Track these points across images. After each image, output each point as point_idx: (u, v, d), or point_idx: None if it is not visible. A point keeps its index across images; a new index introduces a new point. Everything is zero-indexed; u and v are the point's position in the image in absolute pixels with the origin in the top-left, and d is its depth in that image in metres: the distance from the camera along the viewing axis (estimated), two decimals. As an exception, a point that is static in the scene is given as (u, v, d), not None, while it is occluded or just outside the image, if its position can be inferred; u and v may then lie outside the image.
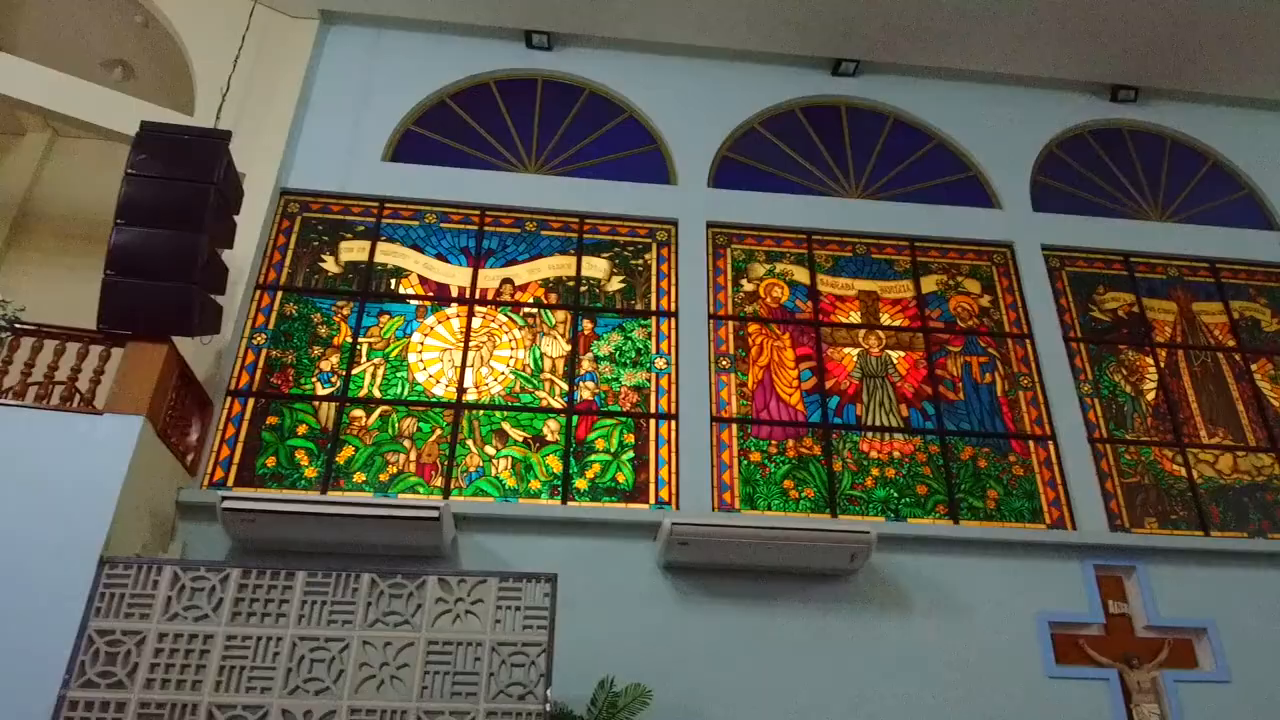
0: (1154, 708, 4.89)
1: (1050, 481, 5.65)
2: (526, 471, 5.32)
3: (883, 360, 6.00)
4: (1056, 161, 7.05)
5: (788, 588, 5.02)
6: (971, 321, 6.23)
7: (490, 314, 5.85)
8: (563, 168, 6.49)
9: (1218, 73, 7.23)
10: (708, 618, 4.90)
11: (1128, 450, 5.83)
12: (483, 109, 6.71)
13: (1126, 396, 6.05)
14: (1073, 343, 6.20)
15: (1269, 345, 6.41)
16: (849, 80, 7.13)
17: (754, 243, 6.38)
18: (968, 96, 7.17)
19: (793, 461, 5.55)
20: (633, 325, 5.91)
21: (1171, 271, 6.65)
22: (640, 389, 5.68)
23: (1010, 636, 5.04)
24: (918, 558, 5.21)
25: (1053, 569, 5.27)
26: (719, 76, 7.00)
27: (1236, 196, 7.09)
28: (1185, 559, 5.38)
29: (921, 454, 5.67)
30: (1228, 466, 5.85)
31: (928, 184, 6.79)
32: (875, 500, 5.48)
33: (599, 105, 6.84)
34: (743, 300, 6.13)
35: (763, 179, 6.66)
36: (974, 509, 5.52)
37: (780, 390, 5.80)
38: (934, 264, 6.46)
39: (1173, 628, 5.17)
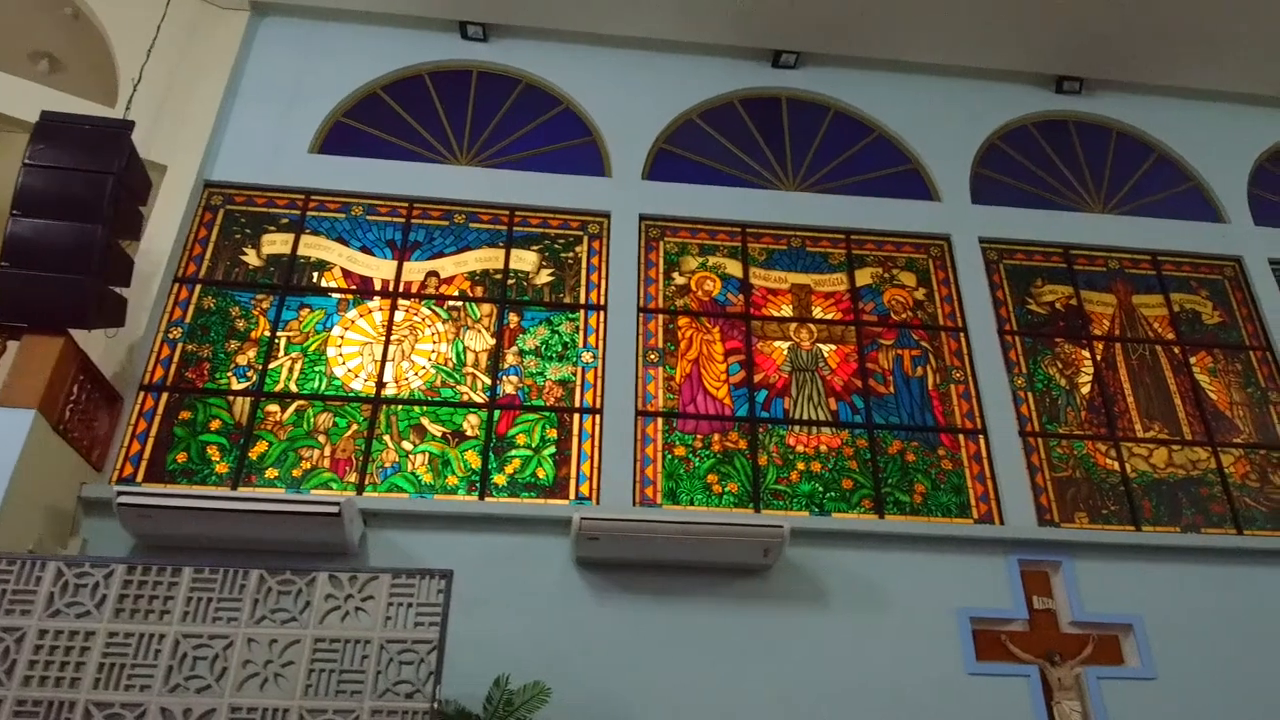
0: (1075, 705, 4.81)
1: (979, 476, 5.58)
2: (444, 467, 5.23)
3: (813, 354, 5.92)
4: (998, 154, 6.97)
5: (704, 583, 4.93)
6: (905, 315, 6.15)
7: (414, 307, 5.77)
8: (495, 160, 6.41)
9: (1165, 64, 7.17)
10: (622, 614, 4.82)
11: (1060, 444, 5.75)
12: (416, 101, 6.62)
13: (1061, 390, 5.97)
14: (1008, 336, 6.12)
15: (1209, 338, 6.34)
16: (790, 72, 7.06)
17: (688, 236, 6.30)
18: (910, 89, 7.09)
19: (718, 456, 5.46)
20: (560, 319, 5.82)
21: (1112, 264, 6.57)
22: (565, 383, 5.59)
23: (931, 633, 4.95)
24: (839, 552, 5.13)
25: (977, 564, 5.19)
26: (658, 68, 6.92)
27: (1182, 188, 7.02)
28: (1114, 554, 5.31)
29: (849, 448, 5.59)
30: (1162, 461, 5.78)
31: (867, 176, 6.72)
32: (800, 495, 5.39)
33: (535, 97, 6.76)
34: (674, 293, 6.04)
35: (700, 172, 6.58)
36: (900, 503, 5.44)
37: (708, 384, 5.72)
38: (870, 257, 6.38)
39: (1099, 623, 5.09)
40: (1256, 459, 5.86)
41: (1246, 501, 5.69)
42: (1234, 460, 5.83)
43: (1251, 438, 5.94)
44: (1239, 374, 6.19)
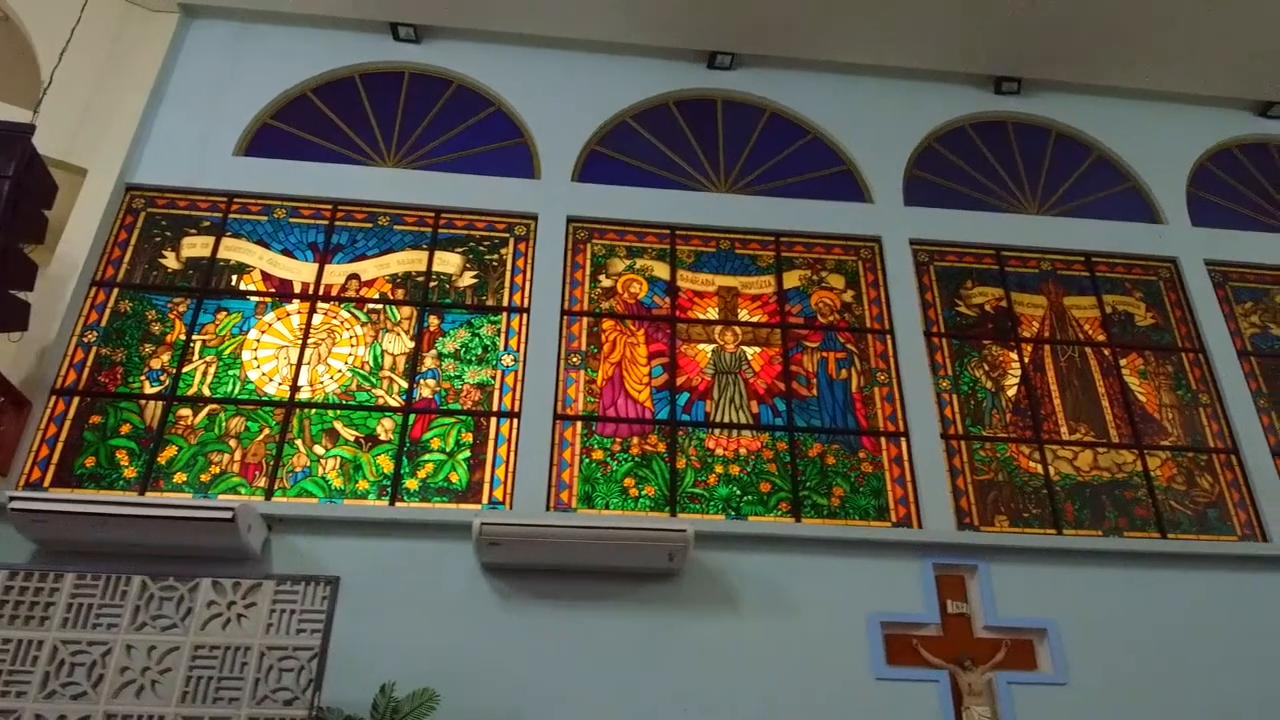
0: (985, 710, 4.77)
1: (899, 479, 5.54)
2: (355, 472, 5.19)
3: (737, 356, 5.88)
4: (935, 155, 6.94)
5: (613, 588, 4.89)
6: (832, 317, 6.12)
7: (333, 310, 5.73)
8: (423, 161, 6.37)
9: (1106, 65, 7.13)
10: (528, 619, 4.78)
11: (983, 447, 5.71)
12: (345, 103, 6.59)
13: (986, 392, 5.93)
14: (935, 338, 6.09)
15: (1141, 340, 6.30)
16: (726, 73, 7.02)
17: (616, 238, 6.26)
18: (847, 90, 7.06)
19: (635, 459, 5.43)
20: (482, 321, 5.79)
21: (1045, 265, 6.53)
22: (484, 386, 5.55)
23: (841, 637, 4.91)
24: (752, 556, 5.08)
25: (892, 568, 5.14)
26: (592, 70, 6.89)
27: (1120, 189, 6.98)
28: (1032, 558, 5.26)
29: (768, 451, 5.55)
30: (1087, 464, 5.73)
31: (800, 178, 6.68)
32: (717, 498, 5.36)
33: (467, 99, 6.73)
34: (599, 296, 6.01)
35: (631, 174, 6.54)
36: (818, 506, 5.40)
37: (630, 387, 5.68)
38: (799, 259, 6.34)
39: (1013, 628, 5.05)
40: (1184, 462, 5.82)
41: (1172, 505, 5.65)
42: (1161, 463, 5.79)
43: (1180, 440, 5.90)
44: (1170, 376, 6.16)
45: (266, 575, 4.09)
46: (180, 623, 3.93)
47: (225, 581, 4.01)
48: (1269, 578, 5.40)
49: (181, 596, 3.98)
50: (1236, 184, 7.15)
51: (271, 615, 3.97)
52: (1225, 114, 7.42)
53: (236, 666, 3.85)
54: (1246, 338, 6.38)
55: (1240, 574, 5.39)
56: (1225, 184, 7.13)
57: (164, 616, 3.94)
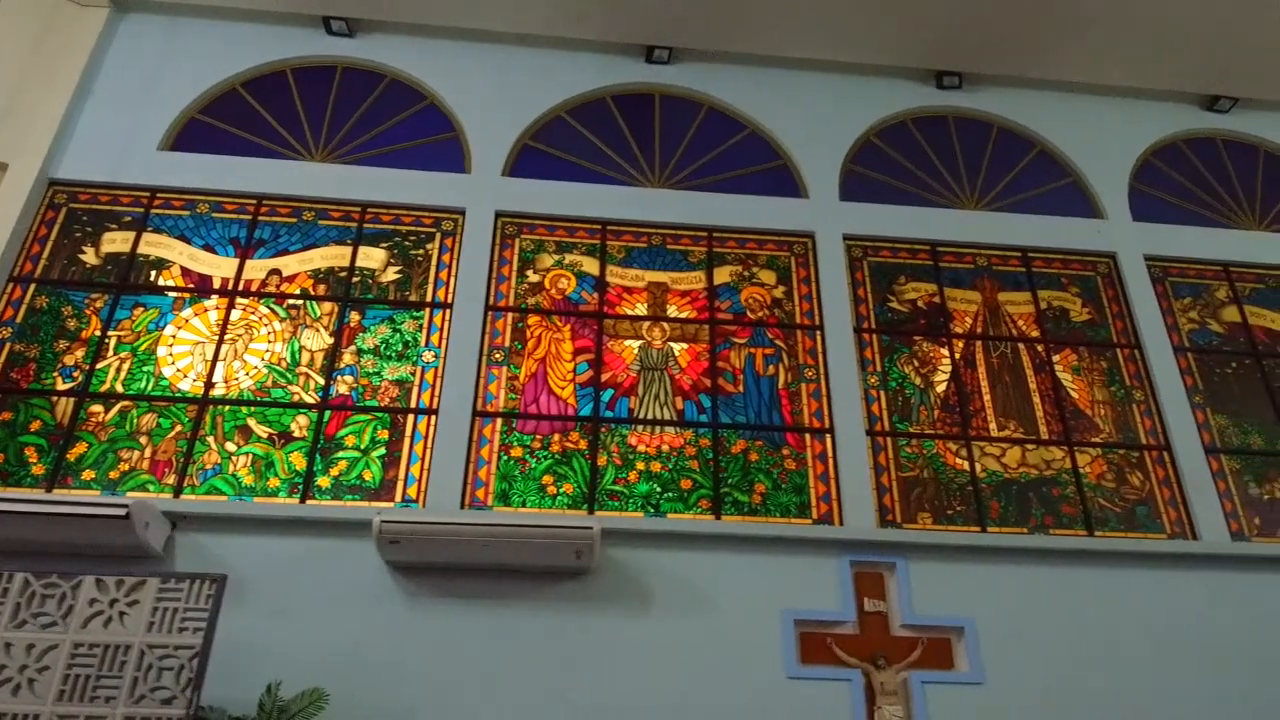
0: (898, 710, 4.71)
1: (823, 475, 5.48)
2: (267, 469, 5.13)
3: (664, 352, 5.82)
4: (873, 150, 6.88)
5: (525, 586, 4.83)
6: (762, 313, 6.05)
7: (252, 306, 5.67)
8: (352, 155, 6.31)
9: (1050, 59, 7.06)
10: (435, 618, 4.71)
11: (910, 444, 5.65)
12: (276, 97, 6.53)
13: (915, 389, 5.87)
14: (865, 334, 6.03)
15: (1076, 336, 6.24)
16: (664, 68, 6.96)
17: (545, 233, 6.20)
18: (787, 84, 7.00)
19: (555, 456, 5.36)
20: (404, 317, 5.72)
21: (981, 261, 6.47)
22: (403, 383, 5.49)
23: (755, 635, 4.84)
24: (668, 554, 5.02)
25: (809, 565, 5.08)
26: (528, 64, 6.82)
27: (1061, 184, 6.92)
28: (953, 555, 5.20)
29: (691, 447, 5.49)
30: (1015, 460, 5.67)
31: (735, 173, 6.62)
32: (637, 495, 5.29)
33: (400, 92, 6.66)
34: (526, 292, 5.95)
35: (565, 168, 6.48)
36: (739, 503, 5.34)
37: (553, 384, 5.62)
38: (731, 255, 6.28)
39: (930, 626, 4.98)
40: (1114, 459, 5.76)
41: (1100, 502, 5.59)
42: (1091, 460, 5.73)
43: (1112, 437, 5.84)
44: (1103, 372, 6.09)
45: (152, 573, 4.03)
46: (61, 620, 3.87)
47: (109, 579, 3.95)
48: (1197, 576, 5.33)
49: (64, 594, 3.91)
50: (1181, 179, 7.09)
51: (154, 614, 3.90)
52: (1172, 108, 7.36)
53: (115, 665, 3.79)
54: (1184, 334, 6.32)
55: (1168, 572, 5.31)
56: (1170, 179, 7.07)
57: (45, 614, 3.87)
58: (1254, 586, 5.32)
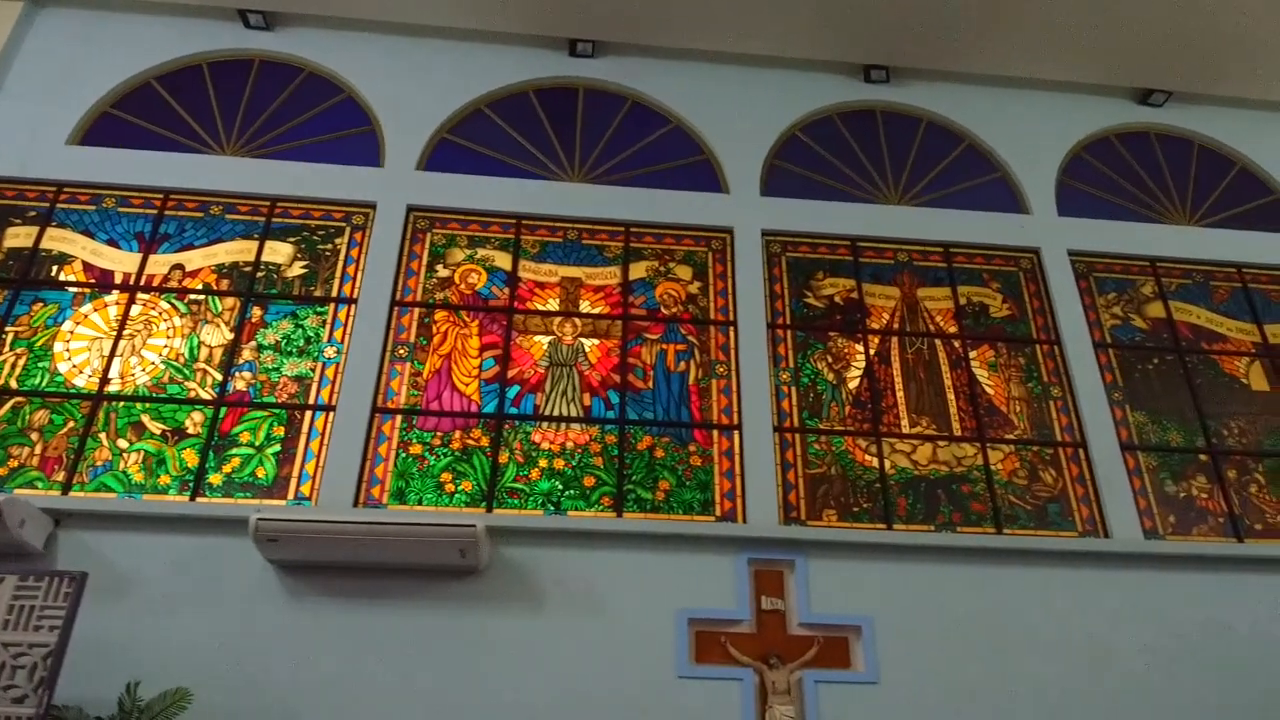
0: (789, 710, 4.63)
1: (728, 472, 5.40)
2: (158, 466, 5.06)
3: (574, 348, 5.75)
4: (799, 145, 6.81)
5: (412, 586, 4.75)
6: (676, 309, 5.98)
7: (152, 301, 5.60)
8: (265, 149, 6.24)
9: (980, 52, 7.00)
10: (318, 617, 4.63)
11: (818, 440, 5.58)
12: (192, 92, 6.45)
13: (827, 384, 5.80)
14: (779, 329, 5.96)
15: (995, 331, 6.17)
16: (589, 62, 6.89)
17: (458, 228, 6.13)
18: (712, 79, 6.93)
19: (455, 454, 5.29)
20: (307, 313, 5.65)
21: (902, 256, 6.41)
22: (302, 379, 5.42)
23: (647, 634, 4.77)
24: (564, 552, 4.95)
25: (708, 563, 5.01)
26: (449, 57, 6.75)
27: (988, 179, 6.85)
28: (855, 553, 5.12)
29: (597, 444, 5.42)
30: (926, 457, 5.60)
31: (656, 168, 6.55)
32: (538, 493, 5.22)
33: (317, 86, 6.59)
34: (435, 287, 5.88)
35: (483, 162, 6.41)
36: (642, 501, 5.26)
37: (457, 380, 5.55)
38: (647, 250, 6.21)
39: (828, 625, 4.91)
40: (1028, 456, 5.69)
41: (1011, 499, 5.52)
42: (1003, 457, 5.66)
43: (1026, 434, 5.77)
44: (1021, 368, 6.02)
45: (11, 571, 3.96)
46: (-86, 620, 3.80)
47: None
48: (1107, 575, 5.26)
49: (-82, 593, 3.85)
50: (1112, 173, 7.03)
51: (10, 611, 3.83)
52: (1106, 102, 7.29)
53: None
54: (1106, 329, 6.26)
55: (1078, 570, 5.25)
56: (1100, 173, 7.01)
57: (-103, 613, 3.81)
58: (1165, 585, 5.25)
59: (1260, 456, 5.85)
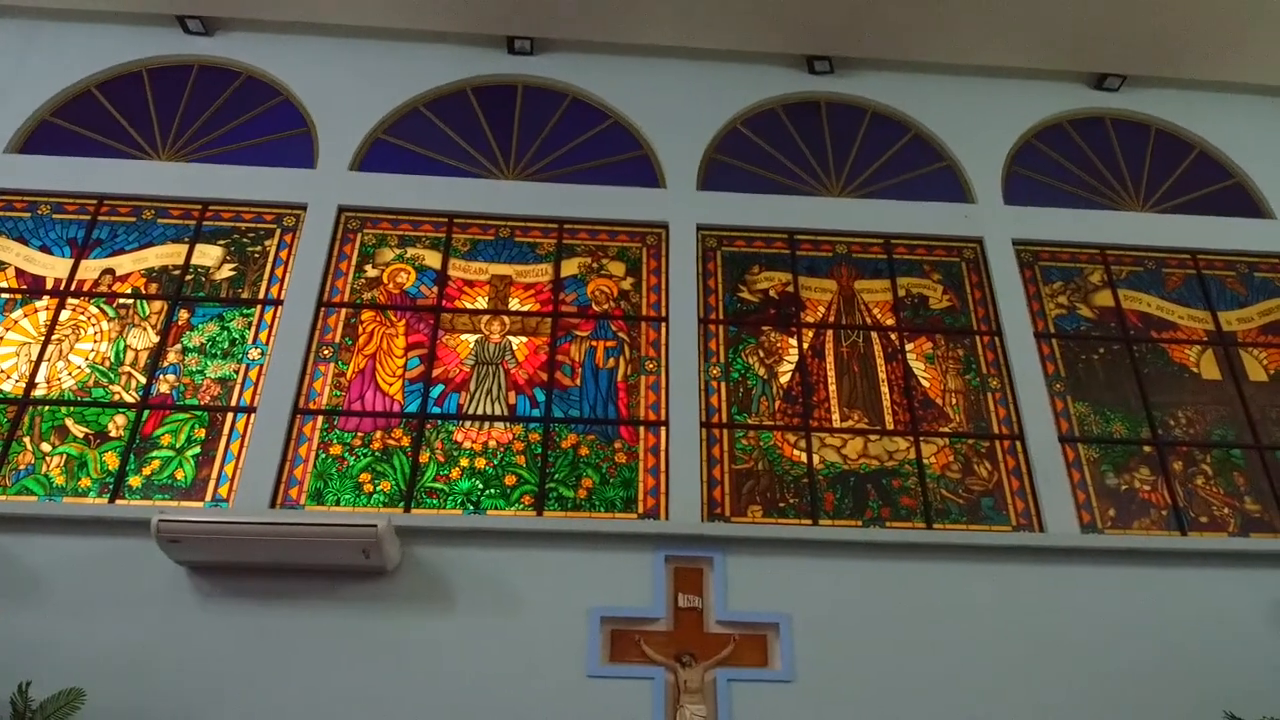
0: (700, 709, 4.56)
1: (653, 469, 5.34)
2: (80, 469, 5.09)
3: (501, 346, 5.72)
4: (739, 139, 6.73)
5: (321, 587, 4.73)
6: (607, 305, 5.93)
7: (82, 306, 5.63)
8: (200, 153, 6.27)
9: (925, 40, 6.88)
10: (227, 618, 4.63)
11: (746, 436, 5.50)
12: (131, 98, 6.50)
13: (757, 379, 5.72)
14: (711, 325, 5.89)
15: (933, 323, 6.05)
16: (528, 59, 6.86)
17: (389, 227, 6.12)
18: (652, 73, 6.87)
19: (376, 454, 5.27)
20: (233, 315, 5.66)
21: (840, 249, 6.31)
22: (225, 381, 5.43)
23: (561, 634, 4.72)
24: (480, 552, 4.91)
25: (625, 561, 4.94)
26: (386, 57, 6.75)
27: (933, 168, 6.73)
28: (778, 549, 5.04)
29: (520, 443, 5.38)
30: (856, 451, 5.51)
31: (595, 164, 6.50)
32: (457, 492, 5.19)
33: (255, 89, 6.62)
34: (363, 287, 5.87)
35: (419, 162, 6.40)
36: (564, 499, 5.22)
37: (381, 380, 5.54)
38: (581, 247, 6.16)
39: (745, 623, 4.83)
40: (962, 449, 5.57)
41: (943, 494, 5.41)
42: (937, 450, 5.55)
43: (962, 426, 5.65)
44: (960, 360, 5.90)
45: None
46: None
47: None
48: (1042, 570, 5.13)
49: None
50: (1064, 160, 6.88)
51: (-101, 615, 3.87)
52: (1060, 87, 7.14)
53: None
54: (1050, 319, 6.12)
55: (1010, 566, 5.13)
56: (1051, 161, 6.87)
57: None
58: (1100, 580, 5.11)
59: (1208, 447, 5.69)
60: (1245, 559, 5.22)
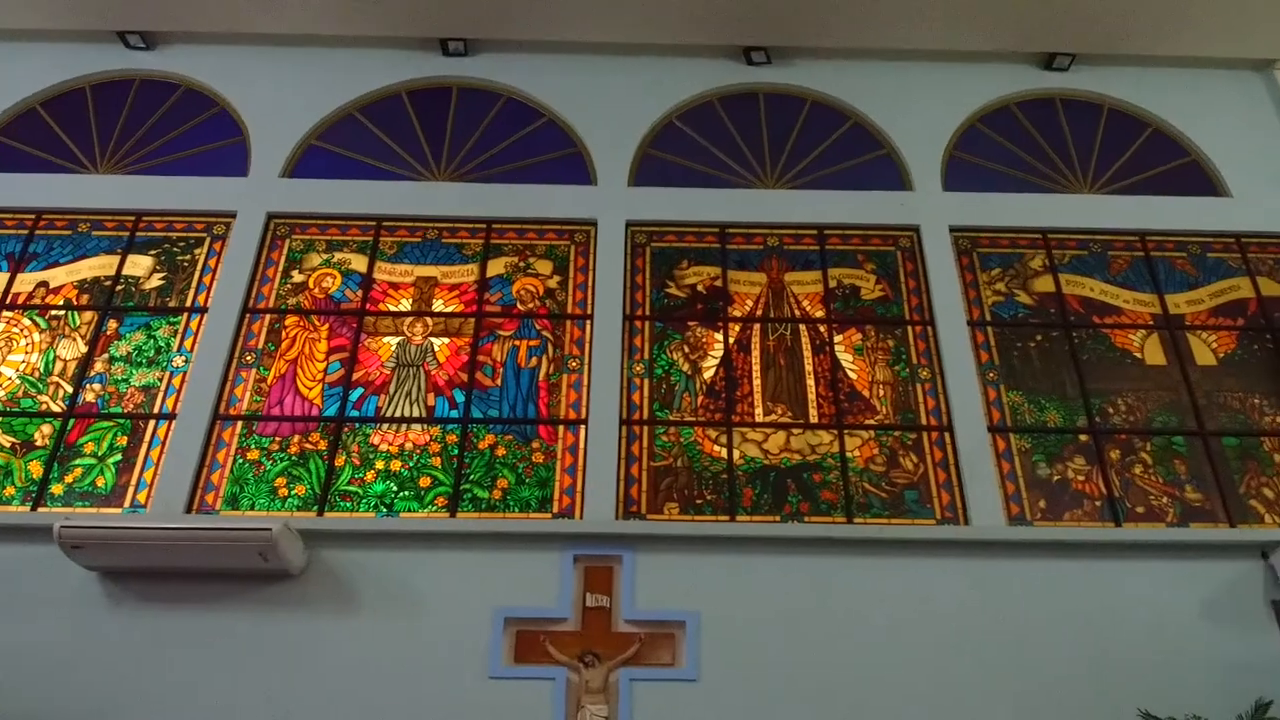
0: (601, 709, 4.52)
1: (570, 468, 5.31)
2: (4, 478, 5.19)
3: (423, 348, 5.72)
4: (675, 133, 6.67)
5: (227, 591, 4.76)
6: (533, 304, 5.91)
7: (15, 319, 5.75)
8: (136, 166, 6.37)
9: (861, 27, 6.75)
10: (134, 623, 4.67)
11: (667, 432, 5.44)
12: (73, 114, 6.63)
13: (681, 375, 5.65)
14: (637, 321, 5.84)
15: (864, 314, 5.93)
16: (462, 60, 6.87)
17: (318, 232, 6.16)
18: (587, 71, 6.83)
19: (292, 458, 5.31)
20: (160, 323, 5.74)
21: (772, 241, 6.21)
22: (149, 389, 5.50)
23: (465, 635, 4.69)
24: (390, 554, 4.90)
25: (533, 561, 4.91)
26: (321, 64, 6.80)
27: (872, 156, 6.61)
28: (690, 546, 4.97)
29: (436, 444, 5.37)
30: (777, 446, 5.42)
31: (527, 162, 6.49)
32: (371, 495, 5.20)
33: (194, 101, 6.70)
34: (288, 292, 5.91)
35: (351, 167, 6.43)
36: (478, 500, 5.20)
37: (301, 384, 5.57)
38: (508, 246, 6.15)
39: (652, 621, 4.77)
40: (888, 441, 5.45)
41: (866, 487, 5.30)
42: (861, 443, 5.44)
43: (889, 418, 5.53)
44: (889, 351, 5.78)
45: None
46: None
47: None
48: (965, 564, 5.01)
49: None
50: (1010, 144, 6.71)
51: None
52: (1006, 69, 6.96)
53: None
54: (987, 307, 5.97)
55: (932, 560, 5.00)
56: (996, 145, 6.70)
57: None
58: (1026, 574, 4.97)
59: (1147, 435, 5.51)
60: (1181, 550, 5.04)
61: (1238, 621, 4.77)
